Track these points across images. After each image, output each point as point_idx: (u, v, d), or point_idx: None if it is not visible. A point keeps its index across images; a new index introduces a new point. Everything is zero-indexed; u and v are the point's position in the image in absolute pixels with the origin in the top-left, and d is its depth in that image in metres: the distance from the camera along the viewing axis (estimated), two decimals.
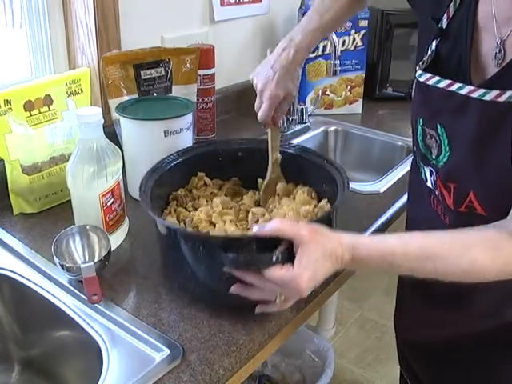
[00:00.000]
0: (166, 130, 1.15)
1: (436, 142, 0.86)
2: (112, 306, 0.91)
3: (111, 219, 1.05)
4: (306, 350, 1.79)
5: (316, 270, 0.76)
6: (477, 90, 0.77)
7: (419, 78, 0.87)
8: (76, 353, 0.94)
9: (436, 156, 0.86)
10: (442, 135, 0.84)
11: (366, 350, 2.24)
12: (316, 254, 0.76)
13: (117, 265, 1.02)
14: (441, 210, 0.92)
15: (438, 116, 0.84)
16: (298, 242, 0.76)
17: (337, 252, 0.76)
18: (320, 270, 0.76)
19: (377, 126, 1.78)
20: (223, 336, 0.86)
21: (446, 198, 0.88)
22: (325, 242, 0.76)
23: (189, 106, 1.22)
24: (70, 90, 1.17)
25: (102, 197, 1.01)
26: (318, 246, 0.76)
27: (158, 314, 0.90)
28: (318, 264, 0.75)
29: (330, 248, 0.76)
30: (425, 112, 0.87)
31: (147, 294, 0.95)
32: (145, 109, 1.21)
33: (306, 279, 0.75)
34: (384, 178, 1.41)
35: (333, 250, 0.76)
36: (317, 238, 0.76)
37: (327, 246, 0.76)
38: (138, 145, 1.18)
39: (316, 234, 0.77)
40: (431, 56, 0.86)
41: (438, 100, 0.83)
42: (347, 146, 1.78)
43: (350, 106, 1.87)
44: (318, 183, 1.05)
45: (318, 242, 0.76)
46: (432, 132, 0.86)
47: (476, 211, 0.84)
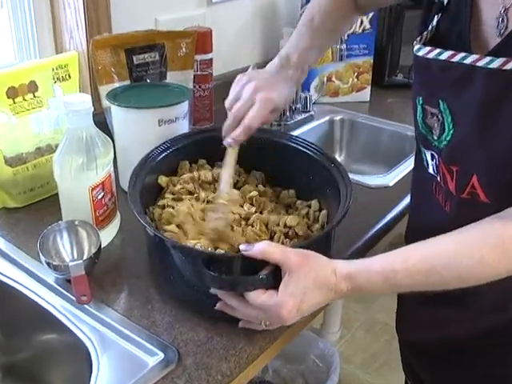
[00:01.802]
0: (161, 119, 1.14)
1: (438, 121, 0.85)
2: (102, 307, 0.91)
3: (101, 214, 1.04)
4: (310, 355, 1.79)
5: (303, 299, 0.76)
6: (482, 59, 0.77)
7: (418, 52, 0.86)
8: (63, 357, 0.94)
9: (438, 136, 0.86)
10: (445, 112, 0.83)
11: (374, 354, 2.24)
12: (305, 281, 0.76)
13: (107, 263, 1.01)
14: (442, 197, 0.92)
15: (439, 92, 0.84)
16: (285, 268, 0.77)
17: (330, 282, 0.76)
18: (308, 300, 0.76)
19: (386, 114, 1.77)
20: (221, 339, 0.86)
21: (449, 182, 0.87)
22: (317, 269, 0.77)
23: (185, 94, 1.22)
24: (57, 75, 1.16)
25: (92, 190, 1.01)
26: (308, 274, 0.76)
27: (151, 316, 0.90)
28: (307, 293, 0.76)
29: (323, 277, 0.76)
30: (425, 89, 0.87)
31: (140, 294, 0.94)
32: (137, 96, 1.21)
33: (289, 308, 0.75)
34: (393, 170, 1.41)
35: (325, 279, 0.76)
36: (307, 265, 0.77)
37: (319, 273, 0.76)
38: (131, 135, 1.17)
39: (307, 261, 0.77)
40: (431, 32, 0.87)
41: (439, 74, 0.83)
42: (354, 136, 1.78)
43: (356, 94, 1.86)
44: (321, 186, 1.04)
45: (309, 268, 0.76)
46: (433, 110, 0.86)
47: (479, 198, 0.83)
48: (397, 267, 0.76)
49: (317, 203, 1.04)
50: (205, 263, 0.79)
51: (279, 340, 0.89)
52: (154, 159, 1.04)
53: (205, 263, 0.79)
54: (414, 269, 0.76)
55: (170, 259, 0.87)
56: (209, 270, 0.79)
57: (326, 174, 1.01)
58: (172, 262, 0.87)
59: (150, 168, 1.02)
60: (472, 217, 0.78)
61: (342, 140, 1.80)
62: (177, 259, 0.86)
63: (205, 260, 0.80)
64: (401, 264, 0.76)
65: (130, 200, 0.90)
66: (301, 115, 1.71)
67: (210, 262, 0.80)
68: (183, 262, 0.86)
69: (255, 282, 0.78)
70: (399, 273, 0.76)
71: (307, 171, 1.07)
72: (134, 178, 0.96)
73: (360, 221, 1.15)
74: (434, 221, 0.85)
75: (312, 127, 1.71)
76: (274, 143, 1.11)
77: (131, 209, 0.88)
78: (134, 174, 0.97)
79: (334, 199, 0.96)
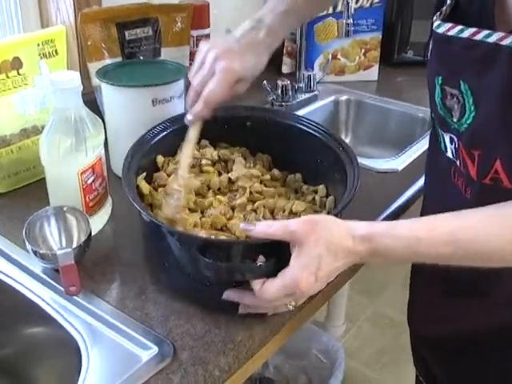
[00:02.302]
0: (155, 99, 1.14)
1: (458, 103, 0.85)
2: (92, 298, 0.91)
3: (92, 199, 1.04)
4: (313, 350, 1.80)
5: (320, 267, 0.75)
6: (508, 37, 0.76)
7: (437, 29, 0.86)
8: (51, 352, 0.95)
9: (458, 119, 0.86)
10: (466, 93, 0.83)
11: (381, 350, 2.25)
12: (317, 249, 0.75)
13: (98, 251, 1.02)
14: (462, 183, 0.91)
15: (460, 72, 0.83)
16: (293, 243, 0.77)
17: (346, 245, 0.75)
18: (325, 267, 0.76)
19: (395, 94, 1.77)
20: (219, 332, 0.86)
21: (469, 167, 0.87)
22: (328, 235, 0.76)
23: (180, 71, 1.21)
24: (43, 51, 1.15)
25: (81, 174, 1.01)
26: (318, 241, 0.75)
27: (145, 307, 0.90)
28: (322, 261, 0.75)
29: (338, 241, 0.76)
30: (444, 69, 0.87)
31: (133, 285, 0.95)
32: (130, 74, 1.20)
33: (306, 279, 0.75)
34: (402, 154, 1.41)
35: (341, 244, 0.75)
36: (316, 232, 0.76)
37: (333, 238, 0.76)
38: (123, 115, 1.17)
39: (314, 228, 0.76)
40: (450, 5, 0.86)
41: (461, 53, 0.82)
42: (360, 117, 1.78)
43: (364, 72, 1.86)
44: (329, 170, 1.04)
45: (318, 235, 0.76)
46: (453, 91, 0.85)
47: (502, 184, 0.83)
48: (421, 235, 0.75)
49: (324, 188, 1.03)
50: (201, 250, 0.79)
51: (280, 333, 0.89)
52: (151, 140, 1.04)
53: (201, 250, 0.79)
54: (439, 239, 0.75)
55: (166, 246, 0.87)
56: (205, 257, 0.79)
57: (333, 157, 1.01)
58: (168, 249, 0.87)
59: (147, 149, 1.02)
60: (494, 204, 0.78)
61: (348, 121, 1.79)
62: (173, 246, 0.86)
63: (201, 246, 0.80)
64: (426, 233, 0.76)
65: (125, 182, 0.90)
66: (304, 95, 1.71)
67: (207, 248, 0.80)
68: (179, 249, 0.86)
69: (254, 269, 0.78)
70: (423, 241, 0.75)
71: (314, 154, 1.06)
72: (129, 159, 0.96)
73: (367, 207, 1.15)
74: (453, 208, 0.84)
75: (316, 108, 1.71)
76: (279, 124, 1.11)
77: (125, 192, 0.88)
78: (129, 155, 0.97)
79: (341, 184, 0.96)
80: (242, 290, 0.83)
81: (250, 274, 0.79)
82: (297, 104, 1.67)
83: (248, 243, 0.85)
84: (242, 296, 0.83)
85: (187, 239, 0.85)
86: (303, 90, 1.72)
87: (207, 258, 0.79)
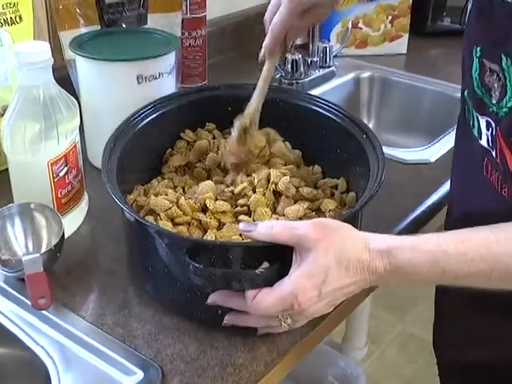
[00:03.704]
0: (140, 75, 1.14)
1: (499, 81, 0.85)
2: (66, 314, 0.91)
3: (64, 195, 1.05)
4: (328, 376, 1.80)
5: (326, 280, 0.75)
6: None
7: None
8: (15, 377, 0.94)
9: (498, 100, 0.86)
10: (508, 70, 0.83)
11: (410, 378, 2.26)
12: (326, 259, 0.75)
13: (72, 257, 1.02)
14: (497, 178, 0.91)
15: (503, 43, 0.83)
16: (299, 245, 0.77)
17: (360, 259, 0.75)
18: (332, 282, 0.75)
19: (428, 70, 1.77)
20: (216, 353, 0.86)
21: (508, 159, 0.87)
22: (341, 244, 0.76)
23: (171, 43, 1.21)
24: (4, 17, 1.16)
25: (52, 165, 1.01)
26: (328, 250, 0.75)
27: (128, 324, 0.90)
28: (330, 273, 0.75)
29: (350, 253, 0.75)
30: (485, 39, 0.86)
31: (114, 296, 0.95)
32: (110, 45, 1.21)
33: (308, 292, 0.75)
34: (436, 142, 1.41)
35: (355, 256, 0.75)
36: (327, 239, 0.76)
37: (345, 248, 0.75)
38: (102, 95, 1.17)
39: (326, 234, 0.76)
40: None
41: (505, 21, 0.82)
42: (386, 98, 1.78)
43: (390, 44, 1.86)
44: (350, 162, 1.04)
45: (329, 243, 0.76)
46: (493, 66, 0.85)
47: None
48: (450, 249, 0.75)
49: (344, 183, 1.04)
50: (191, 253, 0.80)
51: (290, 355, 0.89)
52: (138, 124, 1.04)
53: (191, 253, 0.80)
54: (473, 254, 0.75)
55: (153, 250, 0.87)
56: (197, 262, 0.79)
57: (356, 147, 1.01)
58: (154, 254, 0.87)
59: (133, 135, 1.02)
60: None
61: (371, 103, 1.80)
62: (161, 250, 0.86)
63: (192, 249, 0.81)
64: (456, 246, 0.75)
65: (104, 173, 0.90)
66: (318, 71, 1.71)
67: (198, 251, 0.80)
68: (168, 254, 0.86)
69: (253, 276, 0.78)
70: (453, 257, 0.75)
71: (332, 142, 1.07)
72: (111, 145, 0.96)
73: (393, 206, 1.15)
74: (486, 209, 0.84)
75: (332, 87, 1.71)
76: (292, 106, 1.11)
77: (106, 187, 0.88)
78: (111, 140, 0.97)
79: (363, 178, 0.96)
80: (229, 292, 0.82)
81: (249, 283, 0.79)
82: (309, 82, 1.67)
83: (247, 246, 0.85)
84: (228, 299, 0.83)
85: (174, 241, 0.85)
86: (317, 65, 1.72)
87: (198, 262, 0.79)
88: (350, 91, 1.77)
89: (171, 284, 0.89)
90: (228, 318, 0.85)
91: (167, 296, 0.92)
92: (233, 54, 1.77)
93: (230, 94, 1.12)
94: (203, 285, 0.82)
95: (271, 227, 0.79)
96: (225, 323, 0.85)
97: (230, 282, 0.80)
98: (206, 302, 0.84)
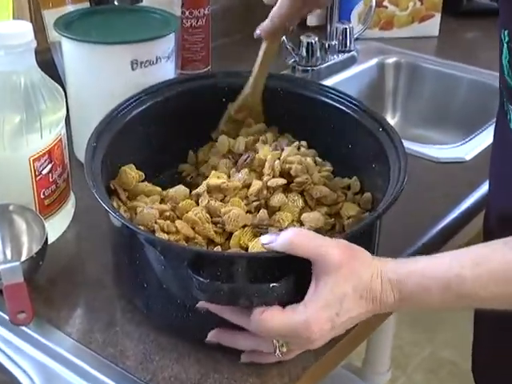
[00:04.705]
0: (135, 60, 1.15)
1: None
2: (49, 330, 0.91)
3: (48, 196, 1.05)
4: None
5: (340, 312, 0.76)
6: None
7: None
8: None
9: None
10: None
11: None
12: (345, 287, 0.76)
13: (57, 266, 1.02)
14: None
15: None
16: (320, 267, 0.77)
17: (375, 289, 0.77)
18: (346, 314, 0.77)
19: (463, 56, 1.77)
20: (220, 377, 0.86)
21: None
22: (360, 271, 0.77)
23: (170, 23, 1.21)
24: None
25: (34, 161, 1.01)
26: (349, 277, 0.76)
27: (119, 343, 0.90)
28: (346, 303, 0.76)
29: (366, 282, 0.77)
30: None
31: (104, 312, 0.95)
32: (101, 26, 1.21)
33: (321, 324, 0.76)
34: (473, 138, 1.41)
35: (370, 286, 0.77)
36: (350, 264, 0.77)
37: (363, 277, 0.77)
38: (91, 82, 1.17)
39: (351, 258, 0.78)
40: None
41: None
42: (414, 87, 1.78)
43: (419, 26, 1.86)
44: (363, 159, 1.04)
45: (352, 269, 0.77)
46: None
47: None
48: (464, 272, 0.75)
49: (357, 183, 1.04)
50: (193, 266, 0.80)
51: (303, 380, 0.89)
52: (127, 115, 1.04)
53: (193, 266, 0.80)
54: (490, 276, 0.75)
55: (145, 261, 0.87)
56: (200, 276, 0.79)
57: (370, 141, 1.01)
58: (147, 265, 0.88)
59: (118, 130, 1.02)
60: None
61: (397, 93, 1.80)
62: (155, 262, 0.87)
63: (192, 261, 0.81)
64: (471, 268, 0.76)
65: (88, 173, 0.91)
66: (337, 56, 1.72)
67: (200, 264, 0.80)
68: (163, 266, 0.86)
69: (264, 292, 0.78)
70: (467, 280, 0.75)
71: (345, 137, 1.07)
72: (94, 141, 0.96)
73: (421, 211, 1.15)
74: None
75: (353, 74, 1.72)
76: (298, 97, 1.11)
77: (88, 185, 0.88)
78: (93, 135, 0.97)
79: (381, 177, 0.96)
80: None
81: (259, 299, 0.79)
82: (327, 69, 1.68)
83: (258, 257, 0.85)
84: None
85: (174, 252, 0.85)
86: (336, 49, 1.72)
87: (203, 276, 0.79)
88: (372, 79, 1.77)
89: (169, 301, 0.89)
90: (213, 334, 0.85)
91: (164, 314, 0.92)
92: (239, 36, 1.76)
93: (226, 83, 1.13)
94: (209, 301, 0.82)
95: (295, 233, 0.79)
96: (208, 340, 0.85)
97: (239, 298, 0.80)
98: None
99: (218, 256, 0.87)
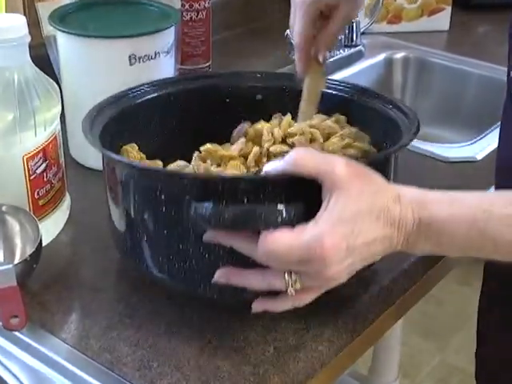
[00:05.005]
0: (133, 55, 1.15)
1: None
2: (43, 336, 0.91)
3: (43, 196, 1.05)
4: None
5: (355, 230, 0.74)
6: None
7: None
8: None
9: None
10: None
11: None
12: (358, 204, 0.74)
13: (51, 269, 1.02)
14: None
15: None
16: (329, 184, 0.75)
17: (392, 211, 0.74)
18: (363, 233, 0.74)
19: (474, 51, 1.78)
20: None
21: None
22: (374, 191, 0.76)
23: (169, 17, 1.22)
24: None
25: (28, 160, 1.01)
26: (361, 194, 0.75)
27: (116, 348, 0.90)
28: (360, 221, 0.74)
29: (383, 202, 0.75)
30: None
31: (100, 316, 0.95)
32: (98, 19, 1.21)
33: (336, 240, 0.73)
34: (483, 136, 1.41)
35: (387, 206, 0.74)
36: (361, 181, 0.75)
37: (377, 197, 0.75)
38: (87, 78, 1.18)
39: (360, 176, 0.76)
40: None
41: None
42: (423, 83, 1.78)
43: (429, 19, 1.86)
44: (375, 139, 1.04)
45: (363, 187, 0.75)
46: None
47: None
48: (493, 209, 0.75)
49: (374, 150, 1.04)
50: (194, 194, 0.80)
51: None
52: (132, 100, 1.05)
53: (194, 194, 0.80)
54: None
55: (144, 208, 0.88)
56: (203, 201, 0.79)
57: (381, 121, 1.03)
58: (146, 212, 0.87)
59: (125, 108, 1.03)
60: None
61: (406, 89, 1.80)
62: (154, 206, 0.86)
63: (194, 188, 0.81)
64: (500, 206, 0.75)
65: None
66: (343, 51, 1.72)
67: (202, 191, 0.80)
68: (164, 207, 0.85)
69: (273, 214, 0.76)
70: (494, 217, 0.75)
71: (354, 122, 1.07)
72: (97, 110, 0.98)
73: None
74: None
75: (359, 70, 1.72)
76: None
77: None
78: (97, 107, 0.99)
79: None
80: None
81: (266, 222, 0.76)
82: (332, 64, 1.67)
83: (260, 180, 0.84)
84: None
85: (175, 181, 0.85)
86: (342, 43, 1.72)
87: (206, 202, 0.78)
88: (380, 75, 1.77)
89: (170, 248, 0.88)
90: (221, 273, 0.83)
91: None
92: (241, 30, 1.76)
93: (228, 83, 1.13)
94: (214, 227, 0.80)
95: (302, 152, 0.78)
96: (215, 280, 0.82)
97: (245, 221, 0.77)
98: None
99: (220, 180, 0.85)
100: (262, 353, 0.87)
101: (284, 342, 0.89)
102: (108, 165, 0.92)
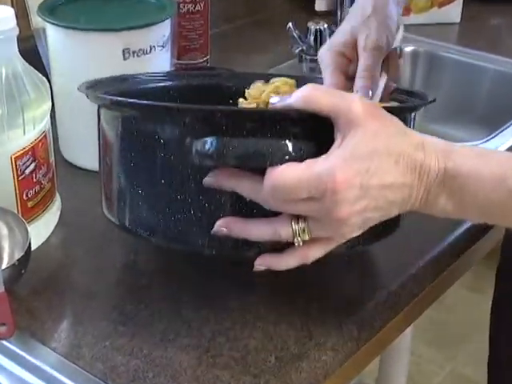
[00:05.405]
0: (127, 49, 1.15)
1: None
2: (32, 345, 0.91)
3: (32, 197, 1.05)
4: None
5: (371, 168, 0.72)
6: None
7: None
8: None
9: None
10: None
11: None
12: (375, 141, 0.73)
13: (41, 274, 1.02)
14: None
15: None
16: (343, 122, 0.73)
17: (414, 156, 0.73)
18: (379, 174, 0.72)
19: (487, 44, 1.78)
20: None
21: None
22: (393, 132, 0.74)
23: (165, 8, 1.22)
24: None
25: (17, 160, 1.02)
26: (379, 132, 0.73)
27: (110, 358, 0.90)
28: (377, 160, 0.72)
29: (403, 146, 0.73)
30: None
31: (93, 325, 0.95)
32: (89, 11, 1.22)
33: (349, 173, 0.71)
34: (497, 135, 1.41)
35: (407, 151, 0.73)
36: (378, 120, 0.74)
37: (397, 139, 0.74)
38: (78, 73, 1.17)
39: (378, 115, 0.75)
40: None
41: None
42: (433, 78, 1.79)
43: (440, 11, 1.86)
44: None
45: (381, 126, 0.74)
46: None
47: None
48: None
49: None
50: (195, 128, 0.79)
51: None
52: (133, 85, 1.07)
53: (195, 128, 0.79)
54: None
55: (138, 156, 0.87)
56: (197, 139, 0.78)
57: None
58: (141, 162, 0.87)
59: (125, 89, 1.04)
60: None
61: (415, 85, 1.81)
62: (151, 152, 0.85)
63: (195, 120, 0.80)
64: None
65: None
66: None
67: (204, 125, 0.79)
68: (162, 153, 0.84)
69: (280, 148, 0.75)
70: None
71: None
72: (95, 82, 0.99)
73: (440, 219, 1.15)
74: None
75: None
76: None
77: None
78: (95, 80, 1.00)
79: None
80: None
81: (271, 159, 0.75)
82: None
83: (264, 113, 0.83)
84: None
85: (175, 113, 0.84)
86: None
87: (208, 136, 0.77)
88: None
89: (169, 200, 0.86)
90: (221, 223, 0.81)
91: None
92: (241, 22, 1.76)
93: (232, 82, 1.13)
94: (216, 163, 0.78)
95: (314, 87, 0.76)
96: (215, 231, 0.81)
97: (249, 156, 0.76)
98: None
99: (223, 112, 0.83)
100: (262, 362, 0.87)
101: (286, 350, 0.89)
102: None
